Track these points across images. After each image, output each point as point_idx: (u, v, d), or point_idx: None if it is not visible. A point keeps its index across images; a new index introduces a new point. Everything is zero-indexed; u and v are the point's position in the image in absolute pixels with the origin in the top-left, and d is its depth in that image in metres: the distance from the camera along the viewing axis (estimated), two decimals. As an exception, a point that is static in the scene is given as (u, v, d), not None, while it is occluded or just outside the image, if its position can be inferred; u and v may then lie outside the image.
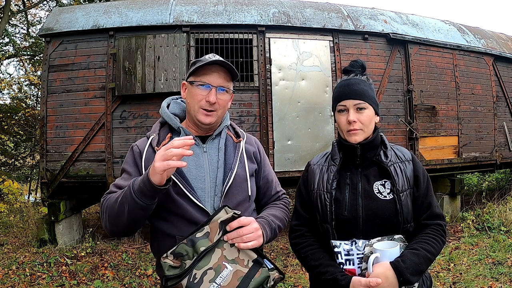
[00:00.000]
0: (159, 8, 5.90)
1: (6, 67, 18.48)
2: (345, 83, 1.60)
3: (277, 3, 6.31)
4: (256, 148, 1.73)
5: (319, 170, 1.64)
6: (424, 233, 1.50)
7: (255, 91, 5.86)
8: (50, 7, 11.78)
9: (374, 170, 1.57)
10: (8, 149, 11.04)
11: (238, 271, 1.37)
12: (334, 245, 1.48)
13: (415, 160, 1.61)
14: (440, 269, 4.54)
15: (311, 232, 1.64)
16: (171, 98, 1.75)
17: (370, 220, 1.48)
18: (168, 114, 1.63)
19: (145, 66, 5.45)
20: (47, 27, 5.70)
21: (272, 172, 1.79)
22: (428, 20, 7.33)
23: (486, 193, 8.14)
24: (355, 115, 1.54)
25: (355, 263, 1.45)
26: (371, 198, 1.51)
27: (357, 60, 1.67)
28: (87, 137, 5.55)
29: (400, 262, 1.36)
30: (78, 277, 4.56)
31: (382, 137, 1.64)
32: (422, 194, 1.54)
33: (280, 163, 5.81)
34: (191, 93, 1.56)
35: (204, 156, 1.56)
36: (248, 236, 1.39)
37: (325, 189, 1.56)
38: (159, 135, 1.59)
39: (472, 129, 7.01)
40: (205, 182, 1.52)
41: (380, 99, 6.26)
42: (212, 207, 1.50)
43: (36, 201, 9.30)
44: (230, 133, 1.68)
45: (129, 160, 1.56)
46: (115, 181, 1.55)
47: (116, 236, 1.61)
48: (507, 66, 7.62)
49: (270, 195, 1.75)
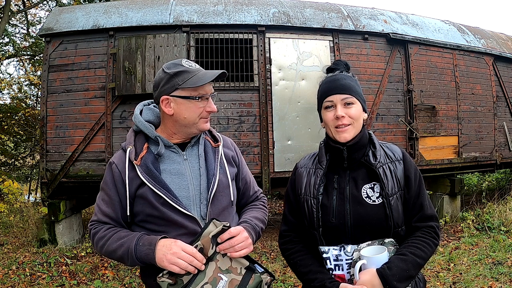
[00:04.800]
0: (159, 8, 5.90)
1: (6, 67, 18.45)
2: (331, 78, 1.54)
3: (277, 3, 6.31)
4: (234, 150, 1.72)
5: (306, 173, 1.58)
6: (414, 237, 1.45)
7: (255, 91, 5.86)
8: (50, 7, 11.78)
9: (363, 172, 1.51)
10: (8, 149, 11.04)
11: (233, 280, 1.40)
12: (323, 251, 1.45)
13: (406, 159, 1.54)
14: (440, 269, 4.54)
15: (299, 237, 1.60)
16: (143, 104, 1.68)
17: (358, 226, 1.43)
18: (143, 122, 1.57)
19: (145, 66, 5.45)
20: (47, 27, 5.70)
21: (249, 173, 1.79)
22: (428, 20, 7.33)
23: (486, 193, 8.14)
24: (343, 110, 1.47)
25: (344, 269, 1.42)
26: (359, 203, 1.45)
27: (340, 60, 1.64)
28: (87, 137, 5.55)
29: (386, 270, 1.33)
30: (78, 277, 4.56)
31: (370, 136, 1.57)
32: (414, 196, 1.48)
33: (280, 163, 5.81)
34: (189, 107, 1.51)
35: (185, 164, 1.55)
36: (240, 245, 1.42)
37: (312, 195, 1.51)
38: (136, 146, 1.54)
39: (472, 129, 7.00)
40: (189, 190, 1.51)
41: (380, 99, 6.26)
42: (199, 215, 1.50)
43: (36, 201, 9.29)
44: (207, 137, 1.66)
45: (108, 181, 1.54)
46: (99, 205, 1.56)
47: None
48: (507, 66, 7.62)
49: (249, 195, 1.76)
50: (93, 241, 1.53)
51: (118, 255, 1.44)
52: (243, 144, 5.71)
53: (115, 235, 1.47)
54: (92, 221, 1.56)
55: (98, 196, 1.58)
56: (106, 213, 1.52)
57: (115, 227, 1.52)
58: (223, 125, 5.72)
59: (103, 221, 1.52)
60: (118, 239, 1.45)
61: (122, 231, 1.50)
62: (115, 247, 1.44)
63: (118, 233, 1.48)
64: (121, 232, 1.48)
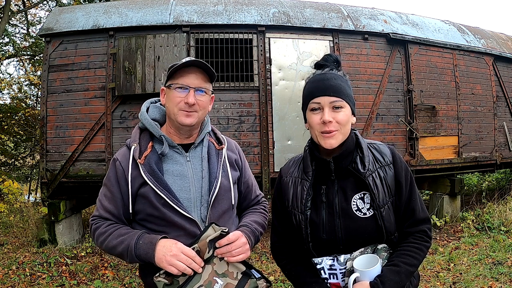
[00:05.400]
0: (159, 8, 5.90)
1: (6, 67, 18.47)
2: (319, 77, 1.41)
3: (277, 3, 6.31)
4: (237, 154, 1.72)
5: (292, 184, 1.49)
6: (406, 243, 1.41)
7: (255, 91, 5.86)
8: (50, 7, 11.78)
9: (351, 182, 1.41)
10: (8, 149, 11.04)
11: (229, 284, 1.41)
12: (316, 262, 1.43)
13: (396, 161, 1.44)
14: (440, 269, 4.54)
15: (290, 247, 1.55)
16: (150, 101, 1.70)
17: (350, 240, 1.39)
18: (149, 120, 1.58)
19: (145, 66, 5.45)
20: (47, 27, 5.70)
21: (252, 177, 1.79)
22: (428, 20, 7.33)
23: (486, 193, 8.14)
24: (331, 114, 1.35)
25: (338, 278, 1.41)
26: (349, 217, 1.38)
27: (330, 54, 1.48)
28: (87, 137, 5.55)
29: (379, 284, 1.30)
30: (78, 277, 4.56)
31: (357, 139, 1.45)
32: (405, 201, 1.42)
33: (280, 163, 5.81)
34: (170, 97, 1.53)
35: (187, 165, 1.55)
36: (237, 251, 1.43)
37: (300, 210, 1.43)
38: (140, 144, 1.55)
39: (472, 129, 7.00)
40: (191, 192, 1.51)
41: (380, 99, 6.26)
42: (199, 217, 1.51)
43: (36, 201, 9.29)
44: (212, 139, 1.66)
45: (111, 177, 1.55)
46: (101, 200, 1.57)
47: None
48: (507, 66, 7.62)
49: (250, 199, 1.77)
50: (94, 236, 1.54)
51: (118, 251, 1.45)
52: (243, 144, 5.71)
53: (116, 232, 1.48)
54: (93, 216, 1.57)
55: (100, 192, 1.59)
56: (107, 209, 1.53)
57: (116, 223, 1.53)
58: (223, 125, 5.72)
59: (105, 216, 1.54)
60: (119, 235, 1.46)
61: (123, 228, 1.51)
62: (115, 243, 1.45)
63: (119, 229, 1.49)
64: (122, 229, 1.49)
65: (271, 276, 4.48)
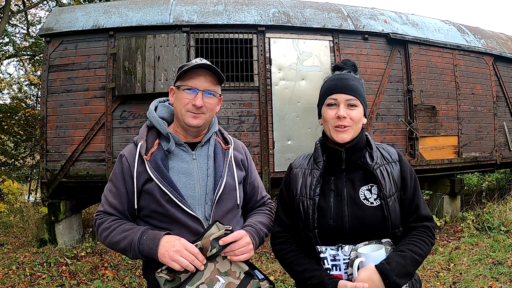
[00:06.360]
0: (159, 8, 5.90)
1: (6, 67, 18.46)
2: (339, 77, 1.52)
3: (277, 3, 6.31)
4: (244, 154, 1.73)
5: (302, 174, 1.56)
6: (411, 235, 1.45)
7: (255, 91, 5.86)
8: (50, 7, 11.78)
9: (360, 174, 1.49)
10: (8, 149, 11.04)
11: (231, 283, 1.41)
12: (320, 250, 1.44)
13: (402, 160, 1.54)
14: (440, 269, 4.54)
15: (294, 238, 1.58)
16: (158, 100, 1.73)
17: (356, 229, 1.42)
18: (156, 118, 1.61)
19: (145, 66, 5.45)
20: (47, 27, 5.70)
21: (258, 178, 1.80)
22: (428, 20, 7.33)
23: (486, 193, 8.14)
24: (346, 111, 1.45)
25: (341, 269, 1.42)
26: (357, 205, 1.44)
27: (349, 59, 1.62)
28: (87, 137, 5.55)
29: (385, 265, 1.32)
30: (78, 277, 4.56)
31: (367, 138, 1.56)
32: (409, 197, 1.49)
33: (280, 163, 5.81)
34: (178, 98, 1.55)
35: (193, 164, 1.56)
36: (241, 250, 1.43)
37: (308, 196, 1.48)
38: (147, 141, 1.57)
39: (472, 129, 7.00)
40: (195, 190, 1.52)
41: (380, 99, 6.26)
42: (203, 215, 1.51)
43: (36, 201, 9.29)
44: (219, 139, 1.68)
45: (117, 173, 1.56)
46: (106, 196, 1.58)
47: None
48: (507, 66, 7.62)
49: (256, 200, 1.77)
50: (98, 231, 1.55)
51: (121, 246, 1.46)
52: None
53: (120, 227, 1.49)
54: (98, 211, 1.58)
55: (106, 187, 1.60)
56: (112, 204, 1.54)
57: (120, 219, 1.54)
58: (223, 125, 5.72)
59: (109, 212, 1.54)
60: (123, 231, 1.47)
61: (127, 223, 1.52)
62: (118, 238, 1.46)
63: (123, 225, 1.50)
64: (126, 225, 1.50)
65: (271, 276, 4.48)
